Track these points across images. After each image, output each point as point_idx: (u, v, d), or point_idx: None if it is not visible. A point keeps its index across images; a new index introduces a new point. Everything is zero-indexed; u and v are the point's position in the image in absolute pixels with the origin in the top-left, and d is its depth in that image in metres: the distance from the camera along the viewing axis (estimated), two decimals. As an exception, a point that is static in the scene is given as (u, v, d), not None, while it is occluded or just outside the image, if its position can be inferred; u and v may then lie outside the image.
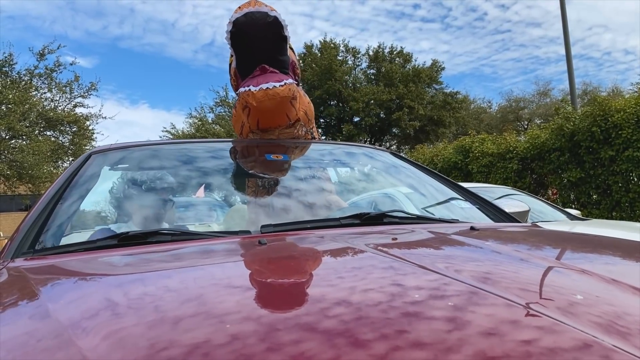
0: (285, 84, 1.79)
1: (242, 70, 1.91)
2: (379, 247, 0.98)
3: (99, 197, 1.86)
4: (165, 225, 1.73)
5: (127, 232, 1.22)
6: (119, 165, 1.84)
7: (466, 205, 1.80)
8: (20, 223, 1.38)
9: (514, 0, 44.37)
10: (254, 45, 1.86)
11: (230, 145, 2.13)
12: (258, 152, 1.96)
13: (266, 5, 1.77)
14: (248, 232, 1.28)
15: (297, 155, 2.02)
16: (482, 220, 1.65)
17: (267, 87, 1.76)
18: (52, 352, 0.59)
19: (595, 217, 7.55)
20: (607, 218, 7.67)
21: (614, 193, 7.66)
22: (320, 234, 1.21)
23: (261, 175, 1.87)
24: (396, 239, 1.14)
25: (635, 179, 7.41)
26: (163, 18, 48.84)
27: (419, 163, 2.14)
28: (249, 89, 1.78)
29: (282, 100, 1.82)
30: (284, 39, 1.85)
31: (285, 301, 0.71)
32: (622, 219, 7.49)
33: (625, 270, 0.90)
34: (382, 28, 40.81)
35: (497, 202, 1.87)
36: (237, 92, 1.88)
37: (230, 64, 2.05)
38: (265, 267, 0.93)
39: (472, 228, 1.27)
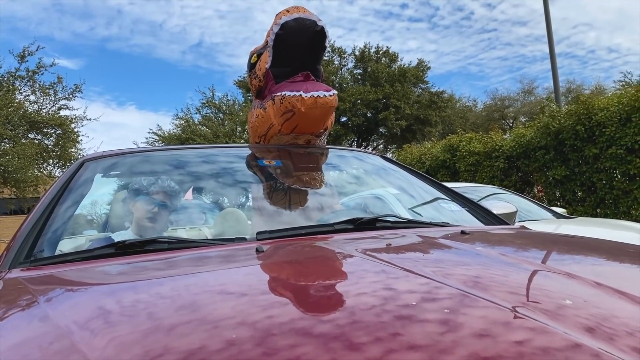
0: (333, 94, 1.84)
1: (278, 73, 1.94)
2: (374, 253, 1.01)
3: (93, 204, 1.86)
4: (161, 230, 1.74)
5: (125, 241, 1.23)
6: (112, 172, 1.84)
7: (455, 207, 1.84)
8: (15, 233, 1.39)
9: (500, -1, 44.80)
10: (296, 51, 1.89)
11: (222, 150, 2.14)
12: (251, 157, 1.98)
13: (312, 14, 1.81)
14: (244, 239, 1.30)
15: (293, 160, 2.04)
16: (470, 222, 1.69)
17: (318, 95, 1.80)
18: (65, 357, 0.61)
19: (580, 214, 7.67)
20: (591, 215, 7.79)
21: (598, 190, 7.78)
22: (315, 240, 1.24)
23: (254, 181, 1.89)
24: (390, 244, 1.17)
25: (619, 176, 7.53)
26: (151, 19, 48.43)
27: (408, 167, 2.17)
28: (299, 94, 1.81)
29: (329, 110, 1.87)
30: (325, 49, 1.91)
31: (284, 307, 0.73)
32: (606, 215, 7.61)
33: (613, 273, 0.94)
34: (370, 28, 40.94)
35: (485, 204, 1.90)
36: (279, 94, 1.90)
37: (252, 62, 2.07)
38: (267, 275, 0.96)
39: (462, 232, 1.31)
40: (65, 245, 1.46)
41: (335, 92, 1.86)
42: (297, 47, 1.88)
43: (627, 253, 1.11)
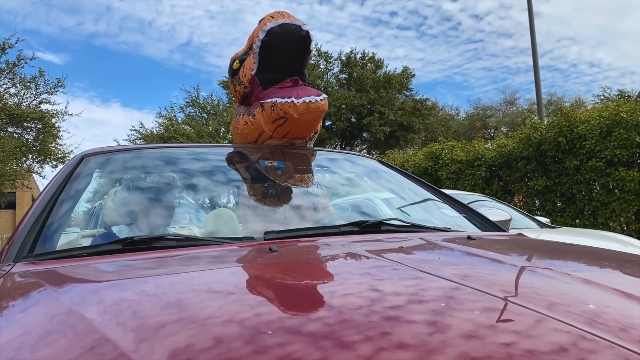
0: (324, 98, 1.84)
1: (265, 79, 1.94)
2: (389, 256, 1.03)
3: (93, 199, 1.84)
4: (163, 228, 1.73)
5: (132, 237, 1.22)
6: (112, 168, 1.83)
7: (453, 213, 1.86)
8: (16, 227, 1.37)
9: (487, 11, 45.54)
10: (282, 56, 1.89)
11: (222, 149, 2.14)
12: (253, 157, 1.98)
13: (296, 19, 1.81)
14: (252, 238, 1.30)
15: (292, 161, 2.05)
16: (469, 228, 1.71)
17: (310, 100, 1.80)
18: (94, 349, 0.61)
19: (560, 224, 7.80)
20: (570, 225, 7.93)
21: (577, 201, 7.93)
22: (324, 241, 1.25)
23: (256, 181, 1.89)
24: (402, 247, 1.18)
25: (598, 188, 7.69)
26: (140, 17, 47.82)
27: (406, 172, 2.19)
28: (291, 101, 1.80)
29: (321, 114, 1.88)
30: (310, 53, 1.93)
31: (312, 305, 0.74)
32: (585, 226, 7.76)
33: (626, 278, 0.97)
34: (359, 34, 41.11)
35: (482, 211, 1.94)
36: (269, 101, 1.88)
37: (235, 68, 2.06)
38: (286, 273, 0.96)
39: (469, 237, 1.33)
40: (68, 240, 1.44)
41: (325, 96, 1.88)
42: (283, 52, 1.89)
43: (632, 261, 1.14)
